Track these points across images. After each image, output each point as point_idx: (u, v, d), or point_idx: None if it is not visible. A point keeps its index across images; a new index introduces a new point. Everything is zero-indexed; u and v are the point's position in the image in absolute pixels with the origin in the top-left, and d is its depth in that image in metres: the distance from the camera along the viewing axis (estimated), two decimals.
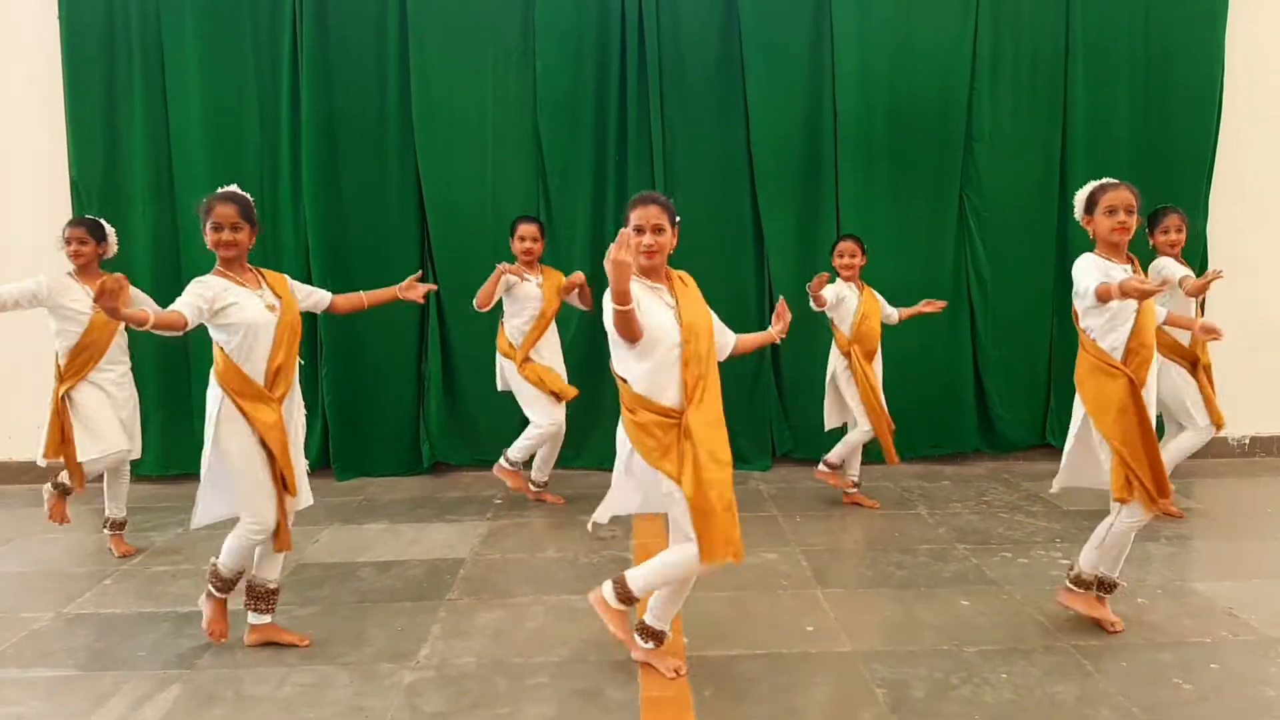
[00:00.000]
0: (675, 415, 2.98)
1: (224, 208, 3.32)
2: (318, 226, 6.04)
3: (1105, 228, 3.42)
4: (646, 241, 3.01)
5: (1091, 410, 3.46)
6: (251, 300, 3.35)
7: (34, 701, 3.19)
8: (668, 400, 2.98)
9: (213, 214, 3.31)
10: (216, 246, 3.34)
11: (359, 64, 6.08)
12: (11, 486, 6.10)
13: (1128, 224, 3.40)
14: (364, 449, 6.25)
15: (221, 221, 3.31)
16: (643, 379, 2.99)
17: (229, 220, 3.32)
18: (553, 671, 3.33)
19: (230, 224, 3.32)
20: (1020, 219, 6.28)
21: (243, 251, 3.39)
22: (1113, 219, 3.40)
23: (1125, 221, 3.39)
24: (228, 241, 3.33)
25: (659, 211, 3.04)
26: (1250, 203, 6.36)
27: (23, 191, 6.12)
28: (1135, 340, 3.38)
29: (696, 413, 2.97)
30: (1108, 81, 6.22)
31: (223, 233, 3.32)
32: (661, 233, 3.03)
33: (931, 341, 6.23)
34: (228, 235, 3.32)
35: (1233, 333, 5.26)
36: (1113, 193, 3.41)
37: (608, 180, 6.19)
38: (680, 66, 6.14)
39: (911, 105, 6.17)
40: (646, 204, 3.05)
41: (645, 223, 3.02)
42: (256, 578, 3.54)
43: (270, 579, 3.54)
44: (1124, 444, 3.35)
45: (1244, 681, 3.18)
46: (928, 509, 5.33)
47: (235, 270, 3.39)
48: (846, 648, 3.50)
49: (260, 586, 3.53)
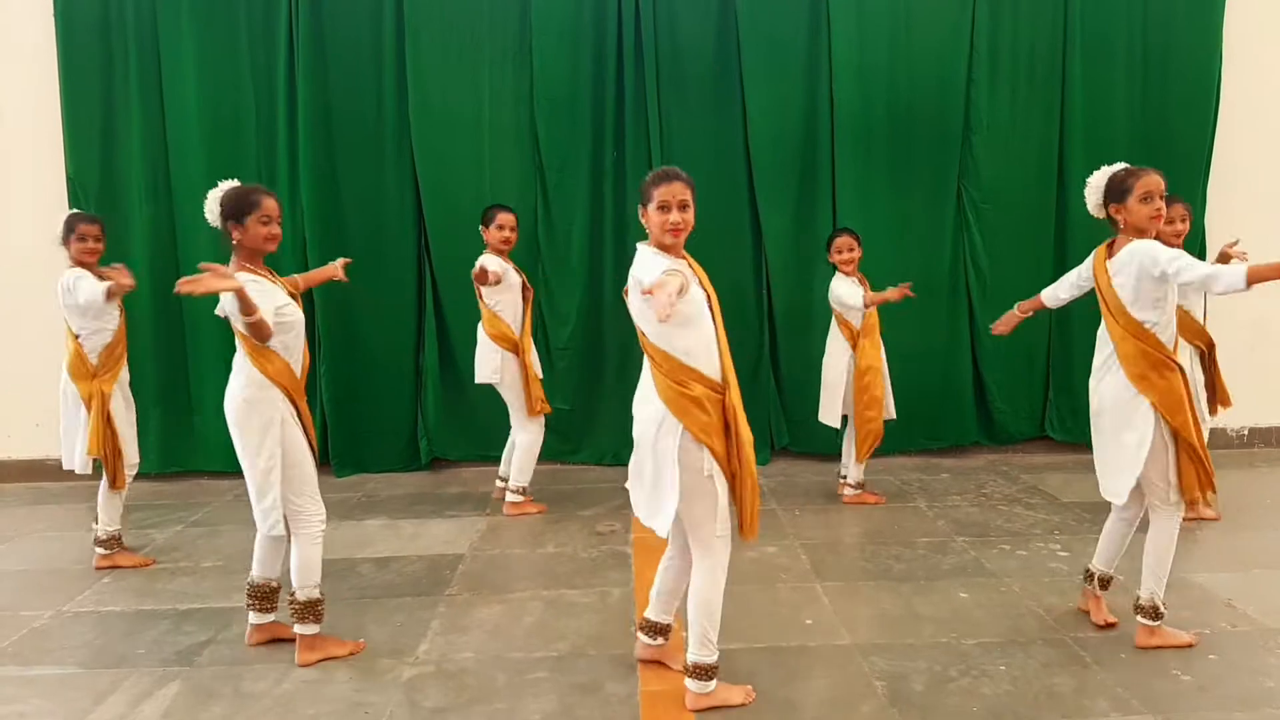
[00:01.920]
0: (720, 390, 2.88)
1: (273, 200, 3.29)
2: (315, 223, 6.03)
3: (1143, 215, 3.24)
4: (674, 219, 2.90)
5: (1166, 408, 3.22)
6: (286, 297, 3.33)
7: (35, 699, 3.19)
8: (712, 373, 2.89)
9: (263, 208, 3.25)
10: (269, 241, 3.29)
11: (355, 60, 6.06)
12: (11, 485, 6.10)
13: (1164, 211, 3.27)
14: (362, 445, 6.24)
15: (272, 215, 3.27)
16: (692, 351, 2.86)
17: (278, 215, 3.30)
18: (552, 666, 3.34)
19: (278, 218, 3.30)
20: (1018, 210, 6.26)
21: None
22: (1149, 206, 3.23)
23: (1161, 208, 3.25)
24: (279, 235, 3.31)
25: (683, 187, 2.93)
26: (1248, 193, 6.35)
27: (20, 190, 6.11)
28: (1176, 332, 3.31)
29: (733, 390, 2.92)
30: (1106, 72, 6.21)
31: (272, 225, 3.28)
32: (687, 209, 2.94)
33: (930, 334, 6.22)
34: (277, 228, 3.30)
35: (1231, 324, 5.25)
36: (1146, 178, 3.25)
37: (605, 176, 6.18)
38: (677, 61, 6.12)
39: (909, 97, 6.15)
40: (671, 180, 2.92)
41: (672, 199, 2.90)
42: (260, 577, 3.51)
43: (273, 577, 3.53)
44: (1196, 439, 3.23)
45: (1242, 672, 3.19)
46: (926, 502, 5.33)
47: (257, 264, 3.32)
48: (845, 641, 3.50)
49: (264, 585, 3.52)
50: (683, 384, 2.84)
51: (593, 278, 6.20)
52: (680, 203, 2.92)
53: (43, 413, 4.77)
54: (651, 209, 2.94)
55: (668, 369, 2.87)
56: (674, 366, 2.86)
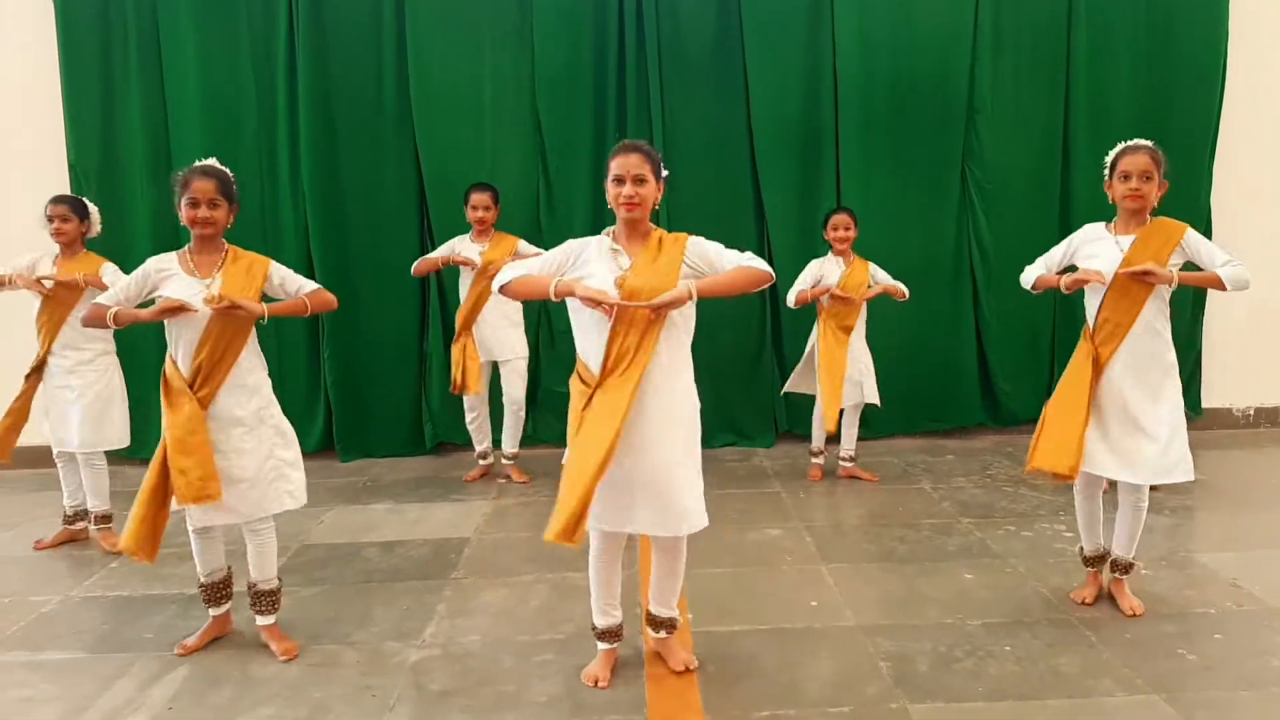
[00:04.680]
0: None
1: (202, 182, 3.09)
2: (317, 206, 6.02)
3: (1118, 193, 3.29)
4: (627, 192, 2.80)
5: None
6: (189, 287, 3.13)
7: (43, 684, 3.21)
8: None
9: (190, 189, 3.08)
10: (192, 224, 3.11)
11: (356, 43, 6.03)
12: (18, 471, 6.11)
13: (1141, 191, 3.23)
14: (367, 430, 6.25)
15: (199, 197, 3.08)
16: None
17: (206, 196, 3.09)
18: (558, 649, 3.35)
19: (208, 200, 3.10)
20: (1022, 191, 6.24)
21: (219, 230, 3.18)
22: (1125, 185, 3.26)
23: (1137, 188, 3.23)
24: (205, 219, 3.10)
25: (640, 160, 2.82)
26: (1254, 172, 6.31)
27: (20, 174, 6.09)
28: None
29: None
30: (1110, 52, 6.16)
31: (199, 209, 3.09)
32: (643, 183, 2.82)
33: (934, 315, 6.21)
34: (204, 212, 3.10)
35: (1236, 303, 5.23)
36: (1129, 156, 3.27)
37: (607, 158, 6.13)
38: (679, 42, 6.08)
39: (912, 77, 6.11)
40: (628, 153, 2.83)
41: (625, 172, 2.81)
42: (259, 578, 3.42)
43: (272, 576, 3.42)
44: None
45: (1248, 652, 3.19)
46: (931, 483, 5.33)
47: (207, 250, 3.18)
48: (850, 622, 3.51)
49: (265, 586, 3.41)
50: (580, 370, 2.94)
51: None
52: (634, 176, 2.82)
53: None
54: (608, 182, 2.87)
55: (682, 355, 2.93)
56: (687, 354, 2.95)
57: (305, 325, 6.06)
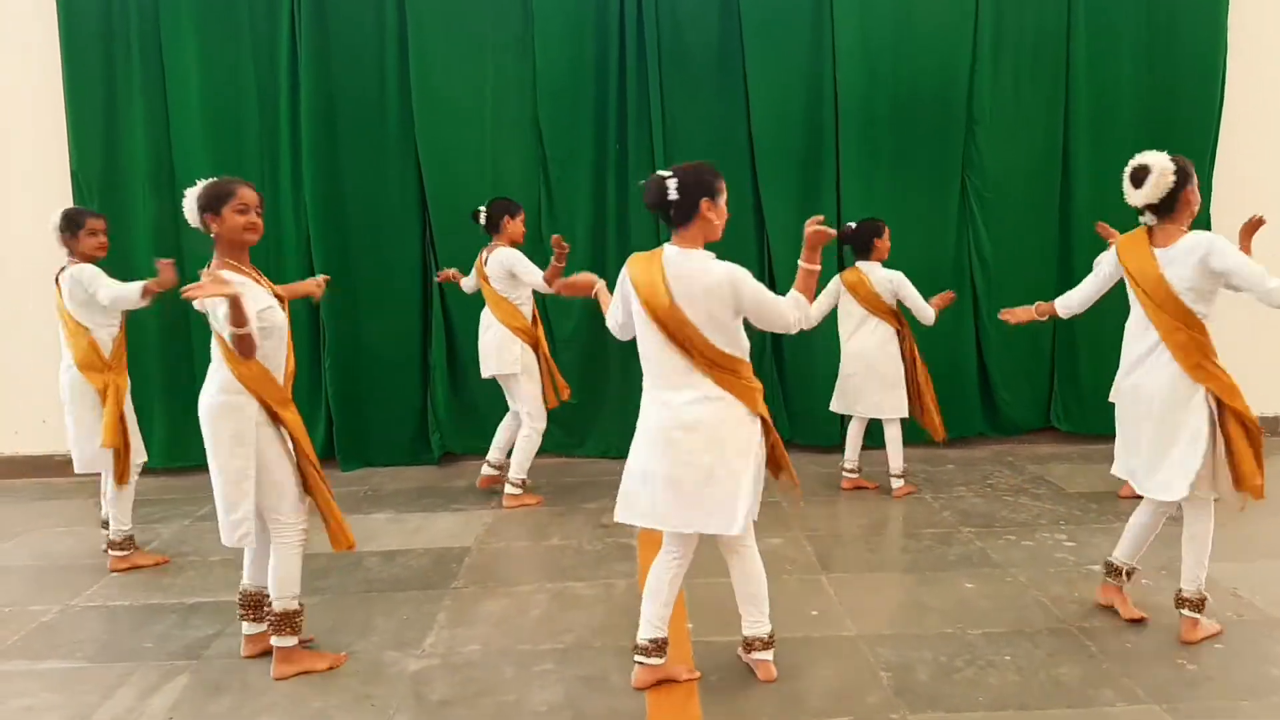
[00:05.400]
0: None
1: (249, 191, 3.11)
2: (318, 214, 6.03)
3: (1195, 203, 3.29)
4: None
5: (1225, 393, 3.22)
6: (271, 299, 3.13)
7: (44, 693, 3.21)
8: None
9: (238, 196, 3.07)
10: (248, 230, 3.09)
11: (358, 51, 6.06)
12: (18, 481, 6.12)
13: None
14: (368, 439, 6.25)
15: (249, 204, 3.09)
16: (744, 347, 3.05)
17: (256, 203, 3.12)
18: (558, 658, 3.34)
19: (256, 207, 3.12)
20: (1022, 200, 6.24)
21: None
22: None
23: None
24: (258, 225, 3.13)
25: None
26: (1253, 180, 6.30)
27: (23, 183, 6.11)
28: None
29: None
30: (1110, 60, 6.17)
31: (249, 214, 3.09)
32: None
33: (934, 324, 6.19)
34: (256, 218, 3.12)
35: (1239, 310, 5.21)
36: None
37: (608, 167, 6.17)
38: (680, 50, 6.10)
39: (913, 86, 6.12)
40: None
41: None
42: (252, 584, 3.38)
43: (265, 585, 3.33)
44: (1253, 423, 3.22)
45: (1248, 661, 3.19)
46: (932, 493, 5.33)
47: (242, 261, 3.15)
48: (851, 632, 3.50)
49: (256, 594, 3.37)
50: (750, 379, 3.03)
51: (596, 270, 6.15)
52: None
53: (50, 409, 4.77)
54: (722, 201, 2.97)
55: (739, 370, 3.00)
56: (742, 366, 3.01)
57: (307, 333, 6.06)
